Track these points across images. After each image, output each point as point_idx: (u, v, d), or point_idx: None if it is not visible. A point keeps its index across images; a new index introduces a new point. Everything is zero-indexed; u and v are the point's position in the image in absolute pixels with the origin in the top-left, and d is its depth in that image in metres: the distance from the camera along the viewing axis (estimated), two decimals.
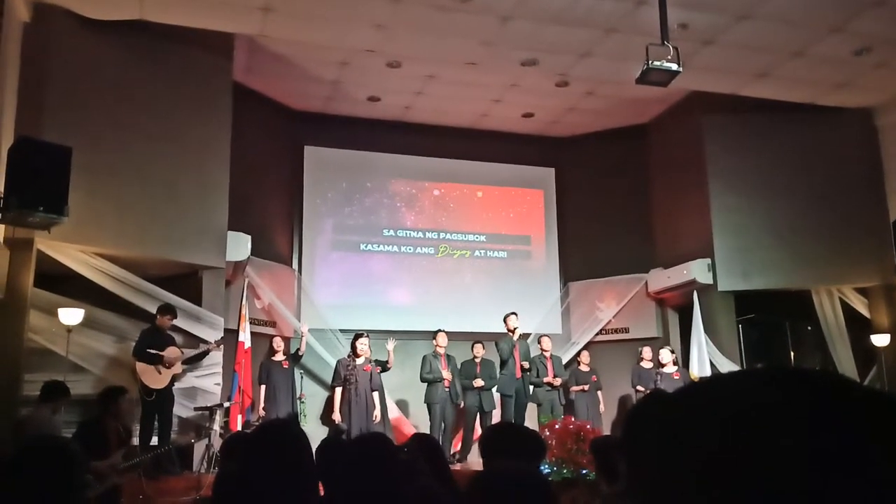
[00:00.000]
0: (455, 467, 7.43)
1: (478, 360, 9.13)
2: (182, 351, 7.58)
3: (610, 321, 10.93)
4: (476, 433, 8.73)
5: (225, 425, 7.97)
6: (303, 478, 2.07)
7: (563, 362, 9.94)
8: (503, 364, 8.90)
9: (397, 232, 10.95)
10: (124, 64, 7.85)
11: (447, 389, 8.83)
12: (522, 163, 11.50)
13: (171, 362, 7.35)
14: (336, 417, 8.41)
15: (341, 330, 9.76)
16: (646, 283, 10.71)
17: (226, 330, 8.23)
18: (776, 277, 9.66)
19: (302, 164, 10.63)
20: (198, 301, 8.11)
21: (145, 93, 7.94)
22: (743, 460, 0.53)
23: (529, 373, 9.03)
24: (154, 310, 7.55)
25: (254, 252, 8.90)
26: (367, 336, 8.66)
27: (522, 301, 10.23)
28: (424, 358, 8.95)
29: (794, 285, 9.77)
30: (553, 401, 9.12)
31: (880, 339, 9.41)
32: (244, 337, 8.72)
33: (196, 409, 7.76)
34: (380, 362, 8.73)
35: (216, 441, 7.28)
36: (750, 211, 9.74)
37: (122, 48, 7.82)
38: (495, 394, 9.06)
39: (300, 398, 9.16)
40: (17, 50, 7.02)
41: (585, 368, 9.76)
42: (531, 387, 9.07)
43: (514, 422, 8.46)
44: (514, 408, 8.78)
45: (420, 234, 11.04)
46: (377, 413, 8.40)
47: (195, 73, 8.32)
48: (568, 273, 11.43)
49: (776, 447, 0.52)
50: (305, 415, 9.23)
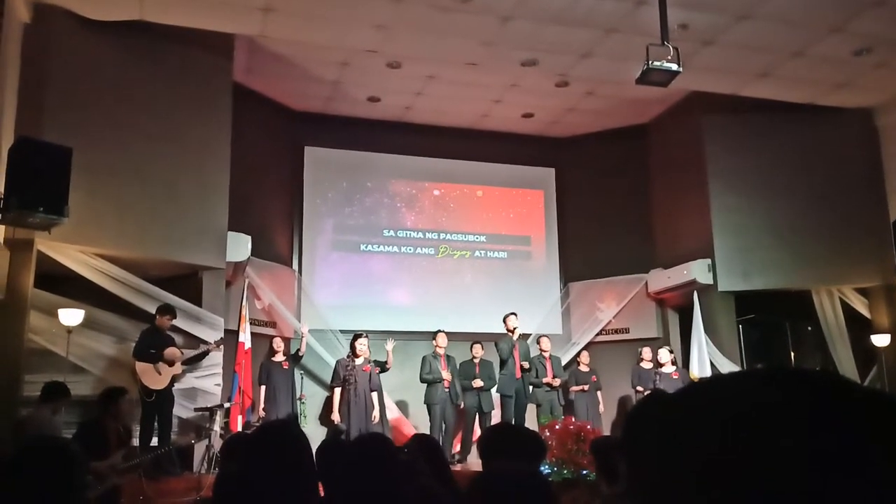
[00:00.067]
0: (455, 468, 7.43)
1: (476, 361, 9.12)
2: (182, 351, 7.58)
3: (610, 321, 10.93)
4: (475, 434, 8.73)
5: (225, 426, 7.97)
6: (303, 478, 2.07)
7: (564, 363, 9.96)
8: (503, 364, 8.89)
9: (397, 232, 10.95)
10: (124, 64, 7.85)
11: (447, 390, 8.82)
12: (522, 163, 11.50)
13: (171, 360, 7.36)
14: (335, 418, 8.42)
15: (341, 330, 9.75)
16: (646, 284, 10.71)
17: (226, 330, 8.22)
18: (776, 277, 9.66)
19: (302, 165, 10.62)
20: (198, 302, 8.11)
21: (145, 93, 7.95)
22: (743, 461, 0.53)
23: (529, 373, 9.03)
24: (154, 310, 7.56)
25: (254, 252, 8.91)
26: (367, 336, 8.67)
27: (522, 301, 10.23)
28: (424, 358, 8.94)
29: (795, 285, 9.77)
30: (552, 401, 9.13)
31: (880, 340, 9.41)
32: (244, 337, 8.72)
33: (196, 410, 7.76)
34: (379, 363, 8.73)
35: (216, 442, 7.29)
36: (750, 211, 9.74)
37: (123, 48, 7.83)
38: (494, 394, 9.06)
39: (300, 399, 9.16)
40: (18, 50, 7.02)
41: (585, 369, 9.77)
42: (530, 387, 9.07)
43: (515, 422, 8.47)
44: (514, 408, 8.78)
45: (420, 235, 11.04)
46: (376, 413, 8.41)
47: (195, 74, 8.32)
48: (568, 273, 11.43)
49: (776, 447, 0.52)
50: (306, 415, 9.23)
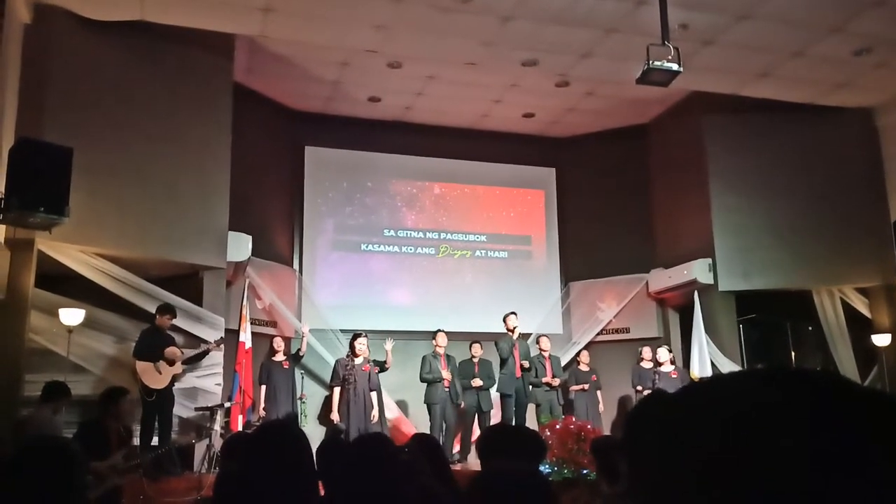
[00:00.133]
0: (455, 467, 7.42)
1: (476, 360, 9.12)
2: (182, 351, 7.58)
3: (610, 321, 10.93)
4: (474, 433, 8.73)
5: (225, 425, 7.97)
6: (303, 478, 2.07)
7: (564, 363, 9.95)
8: (503, 364, 8.88)
9: (398, 232, 10.95)
10: (125, 64, 7.85)
11: (447, 389, 8.82)
12: (523, 163, 11.49)
13: (172, 359, 7.36)
14: (334, 417, 8.42)
15: (342, 330, 9.74)
16: (646, 284, 10.71)
17: (226, 330, 8.22)
18: (777, 277, 9.66)
19: (302, 165, 10.62)
20: (198, 301, 8.11)
21: (146, 93, 7.95)
22: (743, 461, 0.53)
23: (529, 372, 9.03)
24: (154, 310, 7.56)
25: (254, 252, 8.91)
26: (366, 336, 8.67)
27: (523, 301, 10.23)
28: (424, 358, 8.94)
29: (795, 285, 9.76)
30: (552, 401, 9.13)
31: (881, 339, 9.41)
32: (245, 337, 8.72)
33: (197, 410, 7.76)
34: (378, 362, 8.73)
35: (217, 441, 7.28)
36: (750, 211, 9.73)
37: (123, 49, 7.83)
38: (493, 393, 9.06)
39: (301, 398, 9.16)
40: (18, 51, 7.02)
41: (585, 368, 9.77)
42: (530, 386, 9.07)
43: (514, 422, 8.48)
44: (514, 408, 8.78)
45: (420, 235, 11.04)
46: (375, 413, 8.41)
47: (195, 74, 8.32)
48: (568, 273, 11.43)
49: (777, 447, 0.52)
50: (306, 415, 9.23)
